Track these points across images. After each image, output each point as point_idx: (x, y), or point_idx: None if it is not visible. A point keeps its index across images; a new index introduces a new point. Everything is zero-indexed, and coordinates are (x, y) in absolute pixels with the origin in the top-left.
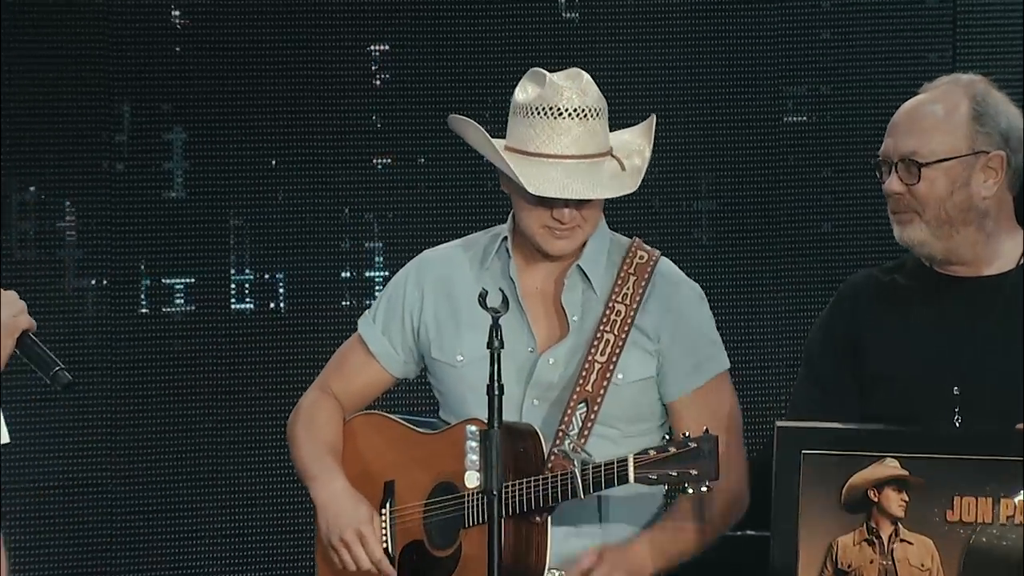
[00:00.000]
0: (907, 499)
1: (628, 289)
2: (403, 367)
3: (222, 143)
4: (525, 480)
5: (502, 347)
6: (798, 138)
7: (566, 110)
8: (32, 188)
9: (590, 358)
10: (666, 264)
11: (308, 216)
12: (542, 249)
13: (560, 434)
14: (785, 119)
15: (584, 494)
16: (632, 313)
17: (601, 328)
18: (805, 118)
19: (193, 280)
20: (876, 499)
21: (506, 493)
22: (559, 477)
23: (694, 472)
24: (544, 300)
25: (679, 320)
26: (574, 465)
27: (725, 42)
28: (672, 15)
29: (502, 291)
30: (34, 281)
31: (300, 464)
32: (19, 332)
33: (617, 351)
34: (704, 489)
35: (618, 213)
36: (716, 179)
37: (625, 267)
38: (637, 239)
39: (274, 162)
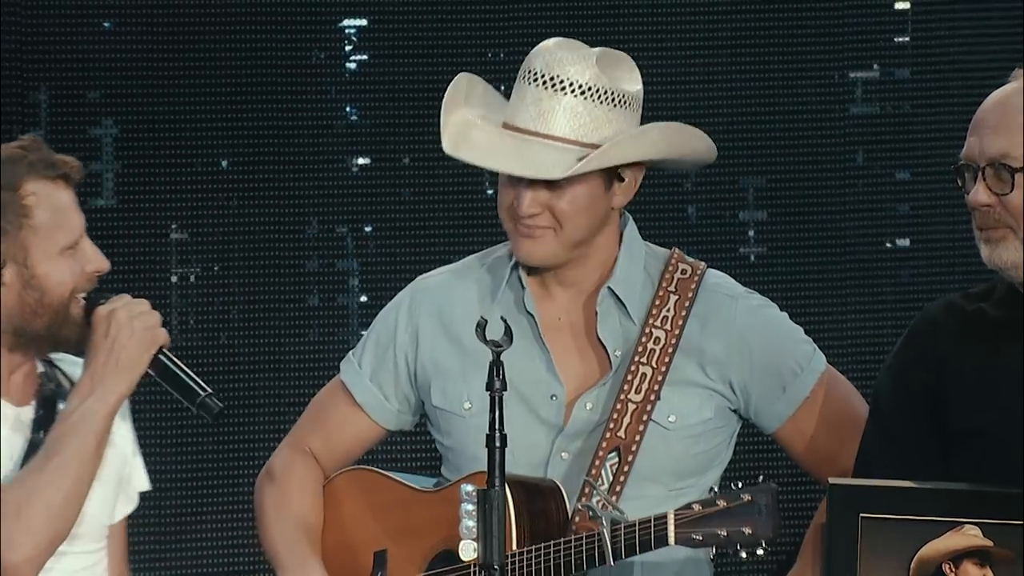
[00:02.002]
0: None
1: (668, 311)
2: (397, 418)
3: (161, 140)
4: (544, 545)
5: (504, 389)
6: (868, 133)
7: (539, 76)
8: None
9: (623, 397)
10: (715, 277)
11: (267, 230)
12: (517, 256)
13: (587, 489)
14: (851, 110)
15: (615, 560)
16: (674, 340)
17: (636, 360)
18: (876, 109)
19: None
20: (953, 575)
21: (519, 562)
22: (584, 540)
23: (747, 531)
24: (574, 334)
25: (747, 342)
26: (602, 525)
27: (776, 14)
28: None
29: (504, 320)
30: None
31: (268, 546)
32: (155, 348)
33: (656, 388)
34: (760, 552)
35: (643, 226)
36: (766, 184)
37: (664, 284)
38: (677, 251)
39: (225, 163)
